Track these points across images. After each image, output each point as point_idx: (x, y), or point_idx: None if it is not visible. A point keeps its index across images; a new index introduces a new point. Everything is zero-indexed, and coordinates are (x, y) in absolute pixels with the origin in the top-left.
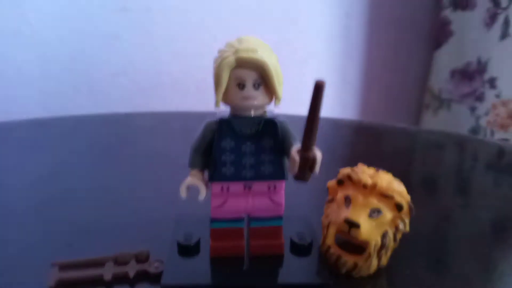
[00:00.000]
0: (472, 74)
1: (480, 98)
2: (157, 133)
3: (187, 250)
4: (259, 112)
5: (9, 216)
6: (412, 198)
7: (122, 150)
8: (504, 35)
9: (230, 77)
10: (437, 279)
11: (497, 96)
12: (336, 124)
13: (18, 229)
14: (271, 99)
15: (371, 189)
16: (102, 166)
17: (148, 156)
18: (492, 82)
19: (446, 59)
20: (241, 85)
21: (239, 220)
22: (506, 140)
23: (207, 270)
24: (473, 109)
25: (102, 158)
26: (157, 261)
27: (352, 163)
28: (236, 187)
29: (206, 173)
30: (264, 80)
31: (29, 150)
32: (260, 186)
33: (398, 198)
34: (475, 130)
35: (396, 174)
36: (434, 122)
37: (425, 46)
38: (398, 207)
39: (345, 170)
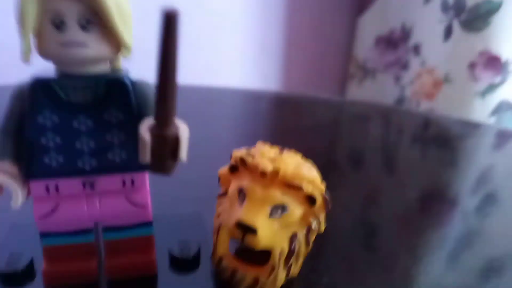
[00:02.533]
0: (396, 42)
1: (405, 66)
2: None
3: (13, 279)
4: (98, 69)
5: None
6: (335, 177)
7: None
8: None
9: (41, 11)
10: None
11: (422, 63)
12: (250, 96)
13: None
14: (116, 49)
15: (272, 178)
16: None
17: None
18: (416, 49)
19: (370, 26)
20: (59, 24)
21: (84, 232)
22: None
23: None
24: (398, 79)
25: None
26: None
27: (270, 141)
28: (70, 185)
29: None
30: (98, 17)
31: None
32: (108, 182)
33: (309, 189)
34: (400, 100)
35: (318, 151)
36: (359, 92)
37: (349, 12)
38: (310, 201)
39: (238, 153)
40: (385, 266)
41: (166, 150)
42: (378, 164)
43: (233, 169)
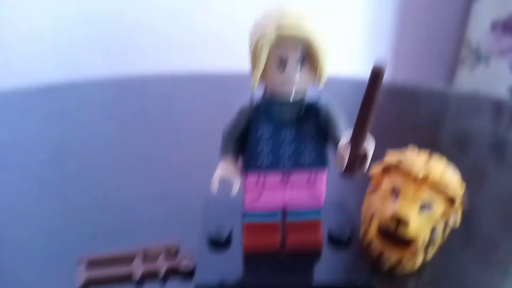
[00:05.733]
0: None
1: None
2: (176, 100)
3: (219, 243)
4: (299, 96)
5: (18, 202)
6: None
7: (140, 122)
8: None
9: (269, 55)
10: (484, 273)
11: None
12: (356, 84)
13: (36, 218)
14: (314, 79)
15: (422, 180)
16: (119, 144)
17: (169, 129)
18: None
19: (487, 9)
20: (282, 64)
21: (274, 213)
22: None
23: (241, 268)
24: None
25: (120, 133)
26: (187, 256)
27: (382, 133)
28: (273, 178)
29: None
30: (309, 57)
31: (39, 122)
32: (299, 176)
33: (451, 192)
34: None
35: (429, 144)
36: (470, 79)
37: None
38: (451, 201)
39: (393, 157)
40: (484, 255)
41: (356, 163)
42: (486, 155)
43: (387, 170)
